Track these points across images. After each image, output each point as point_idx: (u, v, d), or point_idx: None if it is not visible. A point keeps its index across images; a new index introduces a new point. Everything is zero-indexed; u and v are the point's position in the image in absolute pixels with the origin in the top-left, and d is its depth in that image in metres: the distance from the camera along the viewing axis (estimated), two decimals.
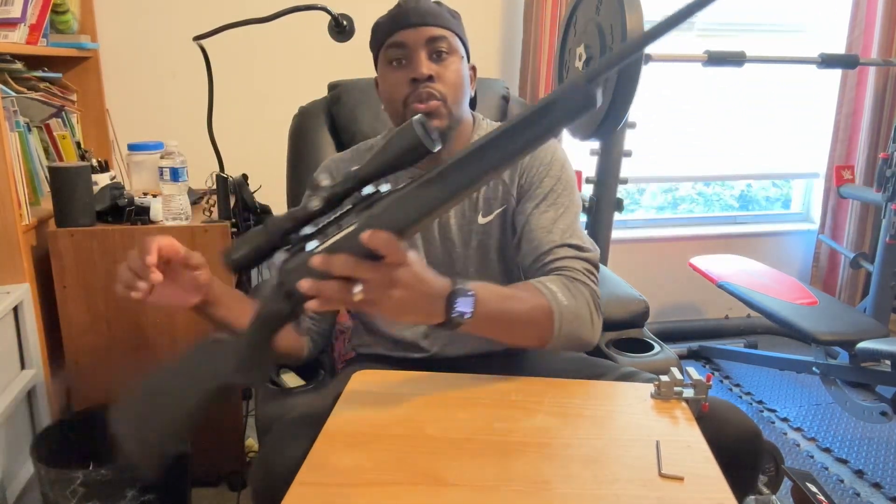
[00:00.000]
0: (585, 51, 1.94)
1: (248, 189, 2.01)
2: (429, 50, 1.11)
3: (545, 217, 1.12)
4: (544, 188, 1.15)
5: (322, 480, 0.75)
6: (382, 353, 1.23)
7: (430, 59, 1.11)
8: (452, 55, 1.13)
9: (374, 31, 1.17)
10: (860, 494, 1.91)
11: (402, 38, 1.11)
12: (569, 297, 1.01)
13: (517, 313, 0.96)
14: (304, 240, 0.80)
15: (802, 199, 3.21)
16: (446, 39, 1.12)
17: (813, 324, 2.09)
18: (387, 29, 1.13)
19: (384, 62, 1.15)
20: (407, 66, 1.11)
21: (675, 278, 2.91)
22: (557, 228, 1.11)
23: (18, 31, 1.77)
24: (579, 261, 1.08)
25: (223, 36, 1.60)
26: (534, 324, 0.98)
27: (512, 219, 1.17)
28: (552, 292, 1.00)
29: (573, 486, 0.75)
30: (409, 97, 1.10)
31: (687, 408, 0.92)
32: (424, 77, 1.09)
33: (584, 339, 1.04)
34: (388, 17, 1.14)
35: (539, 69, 2.51)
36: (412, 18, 1.11)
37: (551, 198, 1.14)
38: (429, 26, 1.11)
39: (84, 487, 1.44)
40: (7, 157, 1.51)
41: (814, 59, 2.27)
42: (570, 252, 1.08)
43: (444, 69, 1.11)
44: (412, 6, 1.12)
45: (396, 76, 1.12)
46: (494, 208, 1.17)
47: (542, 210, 1.13)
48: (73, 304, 1.69)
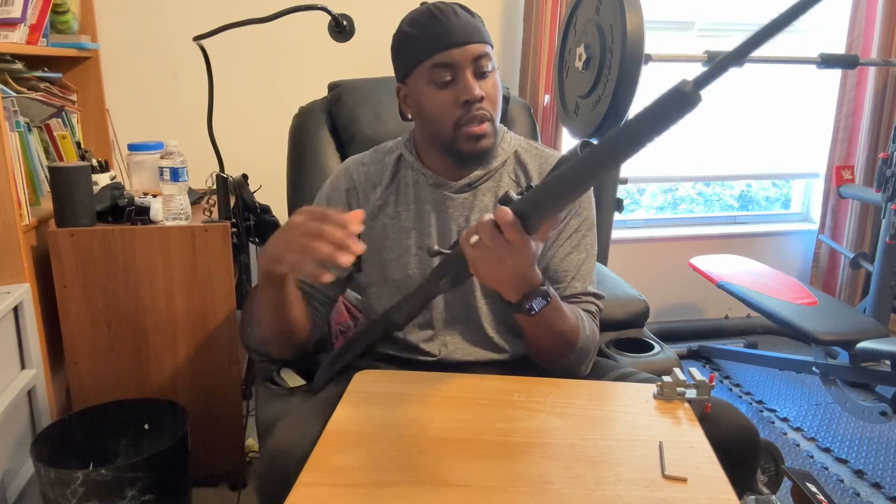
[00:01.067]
0: (585, 51, 1.94)
1: (248, 189, 2.01)
2: (474, 68, 1.08)
3: (570, 260, 1.16)
4: (571, 227, 1.17)
5: (325, 481, 0.75)
6: (387, 353, 1.22)
7: (476, 78, 1.08)
8: (493, 72, 1.11)
9: (407, 44, 1.11)
10: (860, 494, 1.91)
11: (449, 59, 1.07)
12: (589, 332, 1.11)
13: (560, 329, 1.04)
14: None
15: (802, 199, 3.21)
16: (489, 56, 1.10)
17: (813, 324, 2.09)
18: (429, 46, 1.08)
19: (426, 81, 1.09)
20: (454, 87, 1.08)
21: (675, 278, 2.91)
22: (581, 275, 1.17)
23: (18, 31, 1.77)
24: (596, 308, 1.18)
25: (223, 36, 1.60)
26: (565, 343, 1.06)
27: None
28: (583, 322, 1.10)
29: (576, 486, 0.75)
30: (461, 119, 1.08)
31: (689, 408, 0.92)
32: (478, 99, 1.07)
33: (579, 372, 1.13)
34: (426, 32, 1.08)
35: (539, 69, 2.51)
36: (459, 37, 1.07)
37: (576, 238, 1.17)
38: (475, 44, 1.08)
39: (84, 487, 1.44)
40: (7, 157, 1.50)
41: (814, 59, 2.27)
42: (591, 299, 1.18)
43: (488, 86, 1.10)
44: (455, 23, 1.07)
45: (444, 97, 1.08)
46: None
47: (566, 251, 1.16)
48: (73, 304, 1.68)
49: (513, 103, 1.74)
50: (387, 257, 1.18)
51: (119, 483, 1.46)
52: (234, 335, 1.77)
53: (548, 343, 1.06)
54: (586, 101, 1.97)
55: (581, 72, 1.97)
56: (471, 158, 1.14)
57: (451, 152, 1.13)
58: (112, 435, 1.67)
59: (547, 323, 1.01)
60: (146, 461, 1.49)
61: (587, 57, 1.93)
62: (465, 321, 1.18)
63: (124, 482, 1.46)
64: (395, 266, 1.17)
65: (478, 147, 1.10)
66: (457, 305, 1.17)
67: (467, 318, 1.18)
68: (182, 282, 1.71)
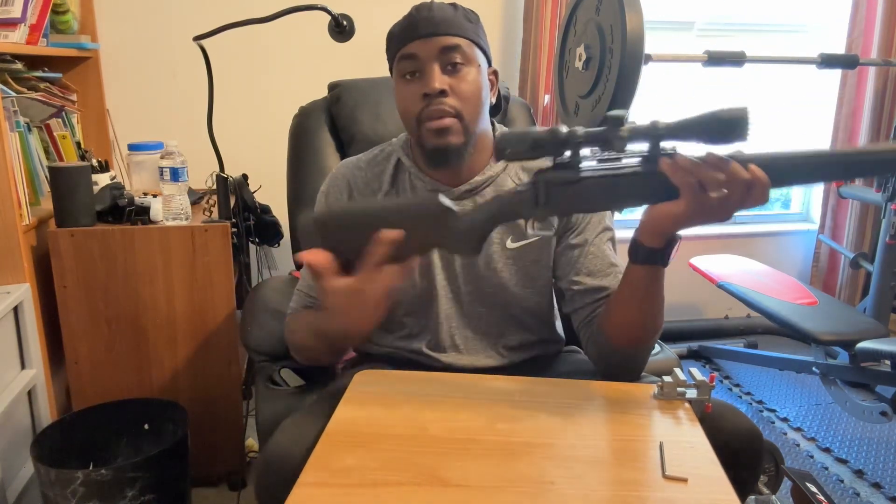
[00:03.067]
0: (585, 51, 1.94)
1: (248, 189, 2.02)
2: (442, 61, 1.05)
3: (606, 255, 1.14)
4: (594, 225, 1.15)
5: (325, 481, 0.75)
6: (390, 354, 1.22)
7: (443, 72, 1.05)
8: (468, 65, 1.06)
9: (388, 40, 1.11)
10: (860, 494, 1.91)
11: (413, 50, 1.05)
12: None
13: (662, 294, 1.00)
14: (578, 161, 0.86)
15: (802, 199, 3.21)
16: (461, 49, 1.05)
17: (813, 324, 2.09)
18: (398, 40, 1.07)
19: (397, 74, 1.09)
20: (419, 80, 1.06)
21: (675, 278, 2.88)
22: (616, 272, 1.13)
23: (18, 31, 1.77)
24: None
25: (223, 36, 1.60)
26: (661, 312, 1.01)
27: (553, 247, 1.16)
28: None
29: (577, 486, 0.75)
30: (421, 113, 1.05)
31: (690, 408, 0.92)
32: (436, 92, 1.03)
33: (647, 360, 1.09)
34: (400, 26, 1.09)
35: (539, 69, 2.51)
36: (423, 28, 1.05)
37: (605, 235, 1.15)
38: (441, 36, 1.04)
39: (84, 487, 1.44)
40: (7, 157, 1.50)
41: (814, 59, 2.27)
42: None
43: (459, 81, 1.05)
44: (424, 15, 1.06)
45: (409, 90, 1.07)
46: (528, 236, 1.14)
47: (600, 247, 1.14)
48: (73, 304, 1.68)
49: (513, 103, 1.73)
50: None
51: (119, 483, 1.46)
52: (234, 335, 1.77)
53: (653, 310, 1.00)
54: (586, 101, 1.97)
55: (581, 72, 1.97)
56: (437, 155, 1.09)
57: (422, 149, 1.11)
58: (112, 435, 1.67)
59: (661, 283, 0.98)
60: (146, 461, 1.49)
61: (587, 57, 1.93)
62: (469, 331, 1.17)
63: (124, 482, 1.46)
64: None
65: (440, 143, 1.06)
66: (456, 316, 1.17)
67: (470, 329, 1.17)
68: (182, 282, 1.71)
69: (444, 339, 1.16)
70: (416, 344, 1.18)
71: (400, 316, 1.18)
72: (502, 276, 1.15)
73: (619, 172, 0.86)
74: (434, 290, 1.15)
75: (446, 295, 1.16)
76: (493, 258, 1.14)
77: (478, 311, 1.17)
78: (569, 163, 0.87)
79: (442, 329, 1.16)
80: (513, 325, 1.18)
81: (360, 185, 1.19)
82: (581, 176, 0.87)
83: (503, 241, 1.15)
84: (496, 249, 1.14)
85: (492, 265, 1.14)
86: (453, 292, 1.16)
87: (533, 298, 1.17)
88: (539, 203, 0.88)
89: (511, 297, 1.16)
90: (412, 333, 1.19)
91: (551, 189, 0.88)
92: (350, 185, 1.19)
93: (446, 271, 1.15)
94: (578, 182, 0.87)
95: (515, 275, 1.15)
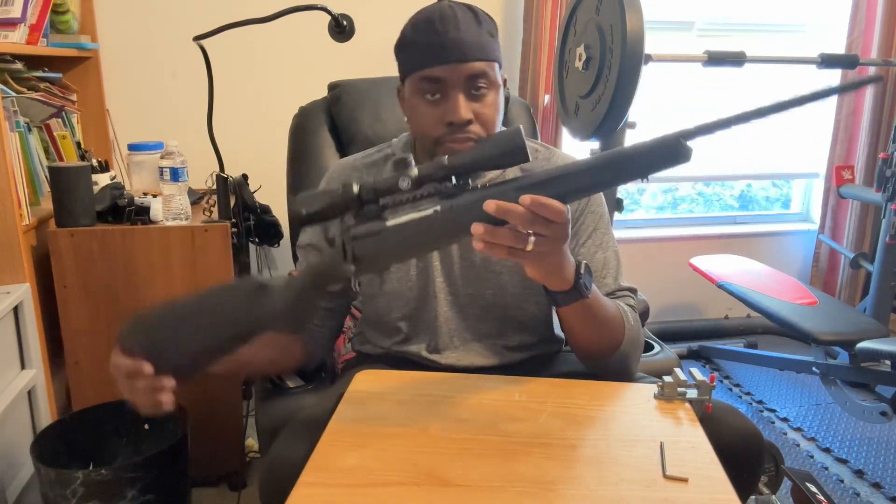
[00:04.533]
0: (585, 51, 1.94)
1: (248, 189, 2.01)
2: (467, 87, 1.02)
3: (597, 259, 1.14)
4: (588, 225, 1.15)
5: (325, 481, 0.75)
6: (388, 355, 1.22)
7: (467, 97, 1.02)
8: (491, 88, 1.04)
9: (404, 48, 1.06)
10: (860, 494, 1.91)
11: (439, 74, 1.01)
12: (633, 321, 1.08)
13: (607, 311, 1.01)
14: (380, 211, 0.85)
15: (802, 199, 3.21)
16: (486, 75, 1.02)
17: (813, 324, 2.09)
18: (421, 57, 1.02)
19: (414, 90, 1.05)
20: (442, 104, 1.02)
21: (675, 278, 2.91)
22: (610, 272, 1.14)
23: (18, 31, 1.77)
24: (633, 301, 1.15)
25: (223, 36, 1.60)
26: (616, 327, 1.03)
27: None
28: (624, 310, 1.07)
29: (577, 486, 0.75)
30: (443, 137, 1.03)
31: (690, 409, 0.92)
32: (463, 122, 1.01)
33: (631, 365, 1.09)
34: (422, 38, 1.03)
35: (539, 69, 2.51)
36: (451, 54, 1.00)
37: (597, 237, 1.15)
38: (469, 62, 1.00)
39: (84, 487, 1.44)
40: (7, 157, 1.50)
41: (814, 59, 2.27)
42: (625, 293, 1.15)
43: (482, 106, 1.03)
44: (452, 37, 1.00)
45: (431, 113, 1.03)
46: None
47: (591, 251, 1.14)
48: (73, 304, 1.68)
49: (513, 103, 1.74)
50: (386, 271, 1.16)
51: (119, 483, 1.46)
52: None
53: (604, 329, 1.02)
54: (586, 101, 1.97)
55: (581, 72, 1.97)
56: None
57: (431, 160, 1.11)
58: (112, 435, 1.67)
59: (596, 305, 0.97)
60: (146, 461, 1.49)
61: (587, 57, 1.93)
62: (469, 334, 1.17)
63: (124, 482, 1.46)
64: (395, 278, 1.15)
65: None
66: (455, 319, 1.17)
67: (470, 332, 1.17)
68: (182, 282, 1.71)
69: (444, 341, 1.16)
70: (413, 347, 1.18)
71: (395, 320, 1.18)
72: (501, 279, 1.15)
73: (421, 215, 0.84)
74: (433, 294, 1.15)
75: (445, 298, 1.15)
76: (492, 261, 1.14)
77: (477, 314, 1.16)
78: (373, 214, 0.85)
79: (441, 332, 1.16)
80: (512, 326, 1.18)
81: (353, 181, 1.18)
82: (385, 226, 0.84)
83: None
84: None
85: (491, 268, 1.14)
86: (452, 295, 1.16)
87: (532, 300, 1.17)
88: (347, 260, 0.85)
89: (510, 300, 1.16)
90: (409, 337, 1.18)
91: (357, 244, 0.85)
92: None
93: (445, 274, 1.15)
94: (381, 233, 0.84)
95: (514, 277, 1.15)
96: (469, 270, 1.15)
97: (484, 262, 1.14)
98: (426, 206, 0.84)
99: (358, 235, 0.85)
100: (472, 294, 1.16)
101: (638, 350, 1.11)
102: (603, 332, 1.02)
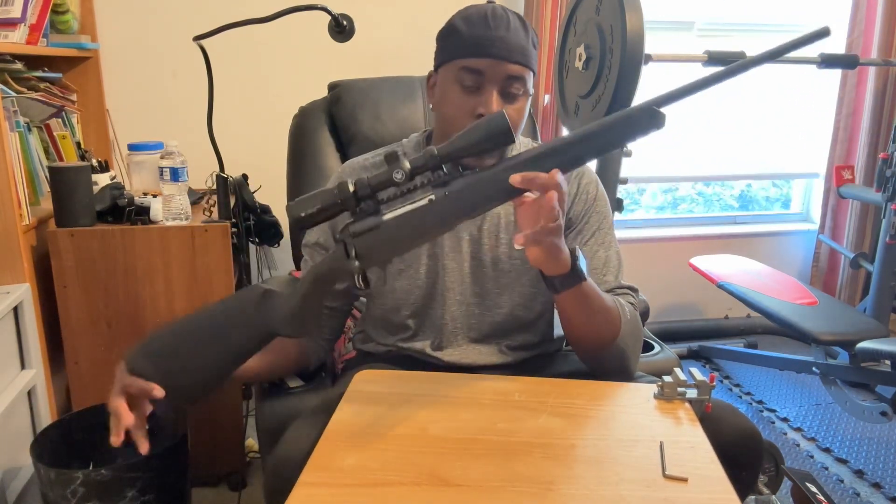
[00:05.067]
0: (585, 51, 1.94)
1: (248, 189, 2.01)
2: (502, 86, 1.05)
3: (598, 257, 1.16)
4: (592, 224, 1.16)
5: (325, 481, 0.75)
6: (391, 353, 1.22)
7: (501, 96, 1.05)
8: (524, 95, 1.07)
9: (452, 35, 1.08)
10: (860, 494, 1.91)
11: (480, 67, 1.04)
12: (630, 316, 1.08)
13: (603, 302, 1.02)
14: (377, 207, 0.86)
15: (802, 199, 3.21)
16: (523, 80, 1.06)
17: (813, 324, 2.09)
18: (468, 47, 1.04)
19: (452, 77, 1.07)
20: (475, 95, 1.05)
21: (675, 278, 2.91)
22: (611, 270, 1.16)
23: (18, 31, 1.77)
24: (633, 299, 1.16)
25: (223, 36, 1.60)
26: (612, 318, 1.04)
27: None
28: (621, 304, 1.08)
29: (577, 486, 0.75)
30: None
31: (690, 408, 0.92)
32: None
33: (629, 361, 1.09)
34: (472, 32, 1.05)
35: (539, 69, 2.51)
36: (497, 50, 1.03)
37: (599, 236, 1.16)
38: (511, 63, 1.04)
39: (84, 487, 1.43)
40: (7, 157, 1.50)
41: (814, 59, 2.27)
42: (626, 291, 1.16)
43: (512, 109, 1.06)
44: (502, 34, 1.03)
45: (463, 101, 1.05)
46: None
47: (593, 249, 1.16)
48: (73, 304, 1.68)
49: None
50: (395, 268, 1.16)
51: (119, 483, 1.46)
52: None
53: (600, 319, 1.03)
54: (586, 101, 1.97)
55: (581, 72, 1.97)
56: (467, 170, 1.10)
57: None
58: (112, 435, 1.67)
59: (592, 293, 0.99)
60: (146, 461, 1.48)
61: (587, 57, 1.93)
62: (474, 332, 1.17)
63: (124, 482, 1.46)
64: (402, 277, 1.16)
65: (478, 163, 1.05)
66: (461, 317, 1.17)
67: (475, 330, 1.17)
68: (182, 282, 1.71)
69: (449, 339, 1.17)
70: (419, 344, 1.18)
71: (404, 317, 1.18)
72: (510, 277, 1.15)
73: (417, 205, 0.86)
74: (441, 292, 1.16)
75: (453, 297, 1.16)
76: (500, 259, 1.15)
77: (483, 313, 1.17)
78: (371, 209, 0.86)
79: (447, 330, 1.16)
80: (517, 326, 1.18)
81: None
82: (383, 220, 0.86)
83: (510, 242, 1.15)
84: (504, 251, 1.15)
85: (500, 266, 1.15)
86: (461, 294, 1.16)
87: (538, 299, 1.17)
88: (350, 257, 0.86)
89: (517, 298, 1.16)
90: (415, 334, 1.19)
91: (357, 241, 0.86)
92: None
93: (454, 273, 1.16)
94: (380, 227, 0.86)
95: (523, 277, 1.15)
96: (478, 269, 1.16)
97: (493, 262, 1.15)
98: (422, 197, 0.86)
99: (357, 232, 0.86)
100: (479, 293, 1.16)
101: (637, 346, 1.11)
102: (599, 321, 1.03)
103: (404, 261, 1.16)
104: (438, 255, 1.15)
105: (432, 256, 1.15)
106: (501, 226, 1.15)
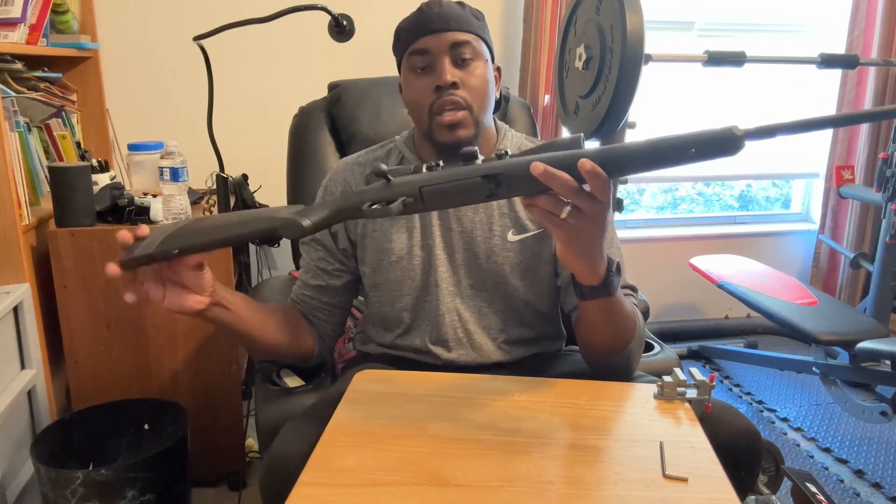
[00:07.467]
0: (585, 51, 1.94)
1: (248, 189, 2.02)
2: (452, 56, 1.08)
3: None
4: None
5: (325, 481, 0.75)
6: (389, 353, 1.22)
7: (454, 66, 1.08)
8: (477, 60, 1.10)
9: (397, 35, 1.14)
10: (860, 494, 1.91)
11: (424, 45, 1.08)
12: (641, 320, 1.08)
13: (625, 310, 1.01)
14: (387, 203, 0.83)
15: (802, 199, 3.21)
16: (470, 44, 1.09)
17: (813, 324, 2.09)
18: (409, 35, 1.10)
19: (407, 68, 1.12)
20: (430, 74, 1.09)
21: (675, 278, 2.91)
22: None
23: (18, 31, 1.77)
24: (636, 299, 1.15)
25: (223, 36, 1.60)
26: (629, 325, 1.03)
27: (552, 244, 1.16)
28: (636, 310, 1.07)
29: (576, 486, 0.75)
30: (433, 105, 1.08)
31: (690, 408, 0.92)
32: (448, 84, 1.07)
33: (633, 363, 1.09)
34: (409, 22, 1.12)
35: (539, 69, 2.51)
36: (435, 24, 1.08)
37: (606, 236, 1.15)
38: (452, 31, 1.08)
39: (84, 487, 1.44)
40: (7, 157, 1.50)
41: (814, 59, 2.26)
42: (629, 292, 1.16)
43: (469, 75, 1.09)
44: (435, 11, 1.09)
45: (420, 83, 1.10)
46: (529, 229, 1.15)
47: None
48: (73, 304, 1.68)
49: (513, 103, 1.74)
50: (388, 260, 1.17)
51: (119, 483, 1.46)
52: None
53: (620, 326, 1.01)
54: (586, 101, 1.97)
55: (581, 72, 1.97)
56: (448, 149, 1.08)
57: (432, 143, 1.13)
58: (112, 435, 1.67)
59: (620, 304, 0.97)
60: (146, 461, 1.49)
61: (587, 57, 1.93)
62: (470, 325, 1.18)
63: (124, 482, 1.46)
64: (396, 268, 1.16)
65: (452, 137, 1.08)
66: (456, 310, 1.17)
67: (471, 323, 1.18)
68: None
69: (446, 332, 1.17)
70: (416, 340, 1.18)
71: (399, 311, 1.18)
72: (503, 269, 1.15)
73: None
74: (435, 283, 1.16)
75: (448, 288, 1.16)
76: (494, 251, 1.15)
77: (478, 305, 1.17)
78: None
79: (444, 322, 1.16)
80: (513, 319, 1.18)
81: (357, 180, 1.20)
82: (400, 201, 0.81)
83: (504, 233, 1.15)
84: (497, 242, 1.15)
85: (493, 258, 1.15)
86: (455, 285, 1.16)
87: (532, 291, 1.17)
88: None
89: (512, 290, 1.16)
90: (411, 328, 1.19)
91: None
92: (346, 182, 1.21)
93: (448, 264, 1.16)
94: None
95: (516, 268, 1.16)
96: (471, 261, 1.16)
97: (486, 254, 1.15)
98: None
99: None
100: (474, 285, 1.17)
101: (641, 348, 1.11)
102: (619, 330, 1.02)
103: (397, 253, 1.16)
104: (431, 247, 1.16)
105: (425, 248, 1.16)
106: (495, 217, 1.16)
